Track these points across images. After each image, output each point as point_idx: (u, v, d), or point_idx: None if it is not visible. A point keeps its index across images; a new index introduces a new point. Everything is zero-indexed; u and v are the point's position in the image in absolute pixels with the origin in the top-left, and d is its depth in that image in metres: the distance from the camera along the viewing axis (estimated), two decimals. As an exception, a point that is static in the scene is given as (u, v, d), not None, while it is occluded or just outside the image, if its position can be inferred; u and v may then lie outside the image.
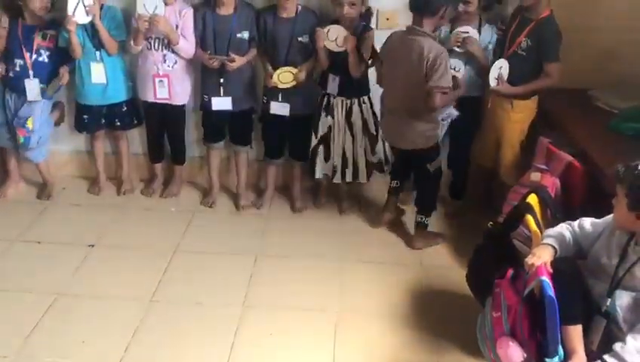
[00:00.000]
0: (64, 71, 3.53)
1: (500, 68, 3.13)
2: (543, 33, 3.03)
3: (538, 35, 3.04)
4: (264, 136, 3.70)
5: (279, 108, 3.44)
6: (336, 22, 3.26)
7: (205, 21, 3.41)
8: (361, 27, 3.25)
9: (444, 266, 3.22)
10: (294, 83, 3.36)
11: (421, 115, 3.08)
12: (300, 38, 3.34)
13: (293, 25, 3.32)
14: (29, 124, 3.51)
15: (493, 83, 3.14)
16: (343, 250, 3.33)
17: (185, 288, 2.98)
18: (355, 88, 3.38)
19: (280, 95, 3.41)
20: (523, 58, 3.10)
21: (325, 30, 3.20)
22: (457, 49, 3.27)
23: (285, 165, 3.79)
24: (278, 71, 3.33)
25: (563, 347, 2.02)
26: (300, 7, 3.35)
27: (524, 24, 3.08)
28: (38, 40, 3.47)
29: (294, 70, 3.34)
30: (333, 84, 3.38)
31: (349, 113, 3.40)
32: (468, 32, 3.25)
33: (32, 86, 3.48)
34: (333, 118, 3.42)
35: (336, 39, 3.21)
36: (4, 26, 3.46)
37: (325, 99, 3.44)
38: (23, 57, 3.47)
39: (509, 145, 3.27)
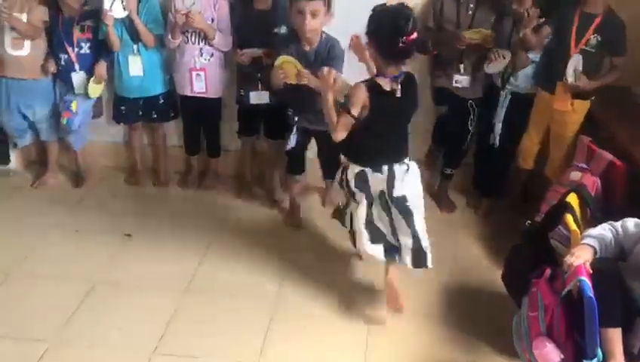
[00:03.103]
0: (100, 68, 3.56)
1: (577, 63, 3.02)
2: (612, 27, 2.96)
3: (608, 30, 2.96)
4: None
5: None
6: None
7: (243, 16, 3.42)
8: None
9: (480, 265, 3.19)
10: None
11: None
12: None
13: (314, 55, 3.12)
14: (74, 107, 3.59)
15: (571, 79, 3.01)
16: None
17: (219, 279, 3.01)
18: None
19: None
20: (590, 55, 3.00)
21: None
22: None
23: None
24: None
25: (601, 349, 1.98)
26: (324, 36, 3.09)
27: (588, 20, 2.98)
28: (77, 33, 3.53)
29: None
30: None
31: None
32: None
33: (79, 79, 3.57)
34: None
35: None
36: (46, 19, 3.52)
37: None
38: (66, 52, 3.55)
39: (562, 145, 3.19)
